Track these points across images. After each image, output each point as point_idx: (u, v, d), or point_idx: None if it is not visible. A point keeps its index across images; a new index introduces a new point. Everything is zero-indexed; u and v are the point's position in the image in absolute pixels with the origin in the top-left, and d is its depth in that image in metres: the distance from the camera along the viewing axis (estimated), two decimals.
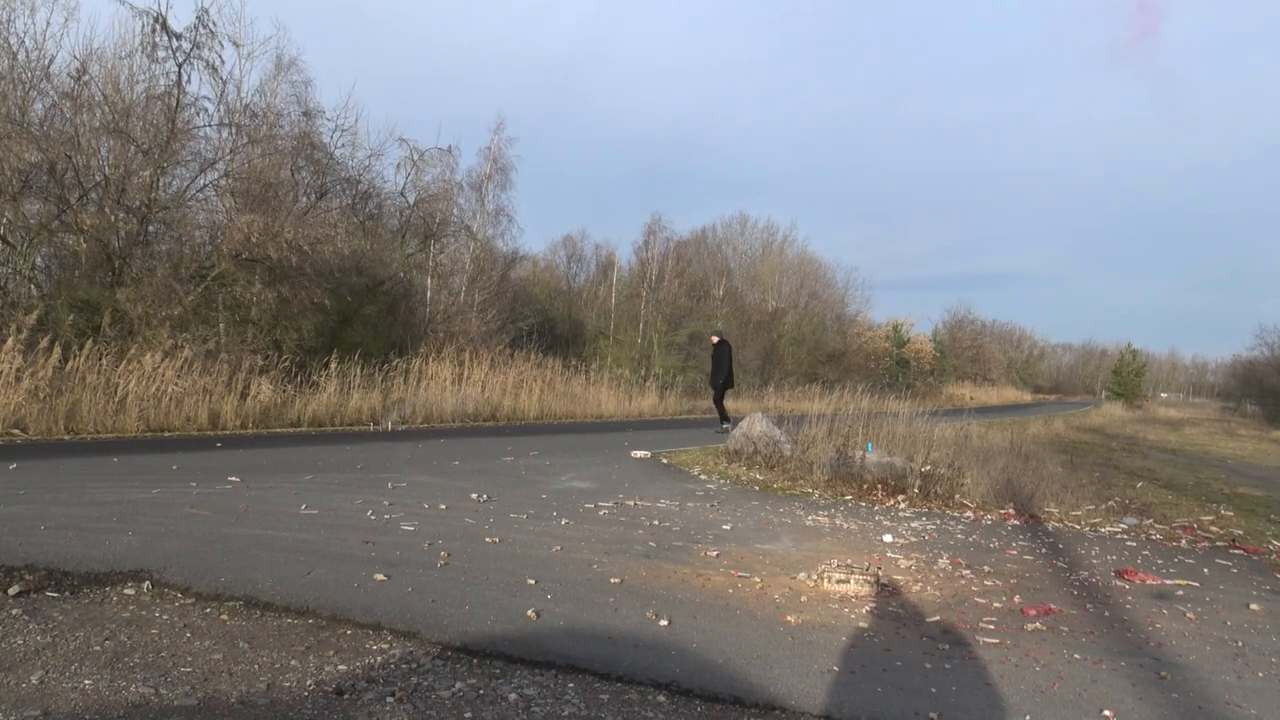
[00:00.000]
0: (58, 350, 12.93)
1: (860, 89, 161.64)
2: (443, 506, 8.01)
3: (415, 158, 23.72)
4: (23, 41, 16.20)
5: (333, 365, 17.31)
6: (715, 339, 17.90)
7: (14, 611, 4.36)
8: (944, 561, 6.94)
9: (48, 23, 16.70)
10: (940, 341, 57.72)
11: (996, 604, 5.73)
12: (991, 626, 5.19)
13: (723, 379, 17.49)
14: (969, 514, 9.46)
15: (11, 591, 4.65)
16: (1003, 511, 9.57)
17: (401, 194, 23.72)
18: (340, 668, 3.95)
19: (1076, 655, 4.74)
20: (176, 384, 14.14)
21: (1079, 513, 9.74)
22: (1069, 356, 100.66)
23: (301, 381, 16.77)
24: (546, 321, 31.03)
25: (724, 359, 17.48)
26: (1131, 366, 68.51)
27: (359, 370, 17.83)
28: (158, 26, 16.38)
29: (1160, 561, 7.47)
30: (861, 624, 5.13)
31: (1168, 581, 6.66)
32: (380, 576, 5.44)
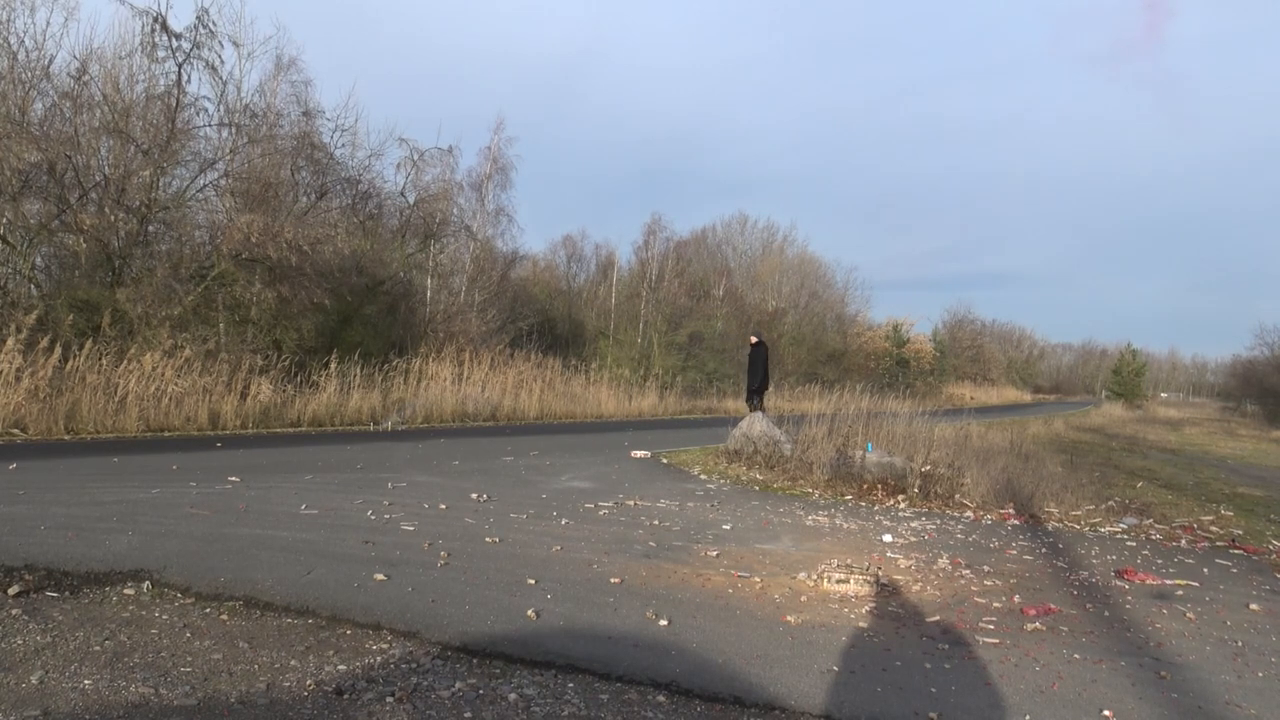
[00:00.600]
0: (58, 350, 12.93)
1: (860, 89, 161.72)
2: (443, 506, 8.02)
3: (415, 158, 23.75)
4: (23, 41, 16.22)
5: (333, 365, 17.31)
6: (754, 340, 17.47)
7: (14, 611, 4.36)
8: (944, 561, 6.94)
9: (48, 22, 16.74)
10: (940, 341, 57.70)
11: (996, 604, 5.73)
12: (991, 626, 5.19)
13: (758, 381, 17.14)
14: (969, 514, 9.46)
15: (11, 591, 4.65)
16: (1003, 511, 9.57)
17: (401, 194, 23.75)
18: (340, 668, 3.95)
19: (1076, 655, 4.74)
20: (176, 384, 14.14)
21: (1079, 513, 9.74)
22: (1069, 356, 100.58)
23: (301, 381, 16.77)
24: (546, 321, 31.01)
25: (759, 360, 17.14)
26: (1131, 366, 68.42)
27: (359, 370, 17.83)
28: (158, 26, 16.39)
29: (1160, 561, 7.47)
30: (861, 624, 5.13)
31: (1168, 581, 6.66)
32: (380, 576, 5.44)
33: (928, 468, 10.94)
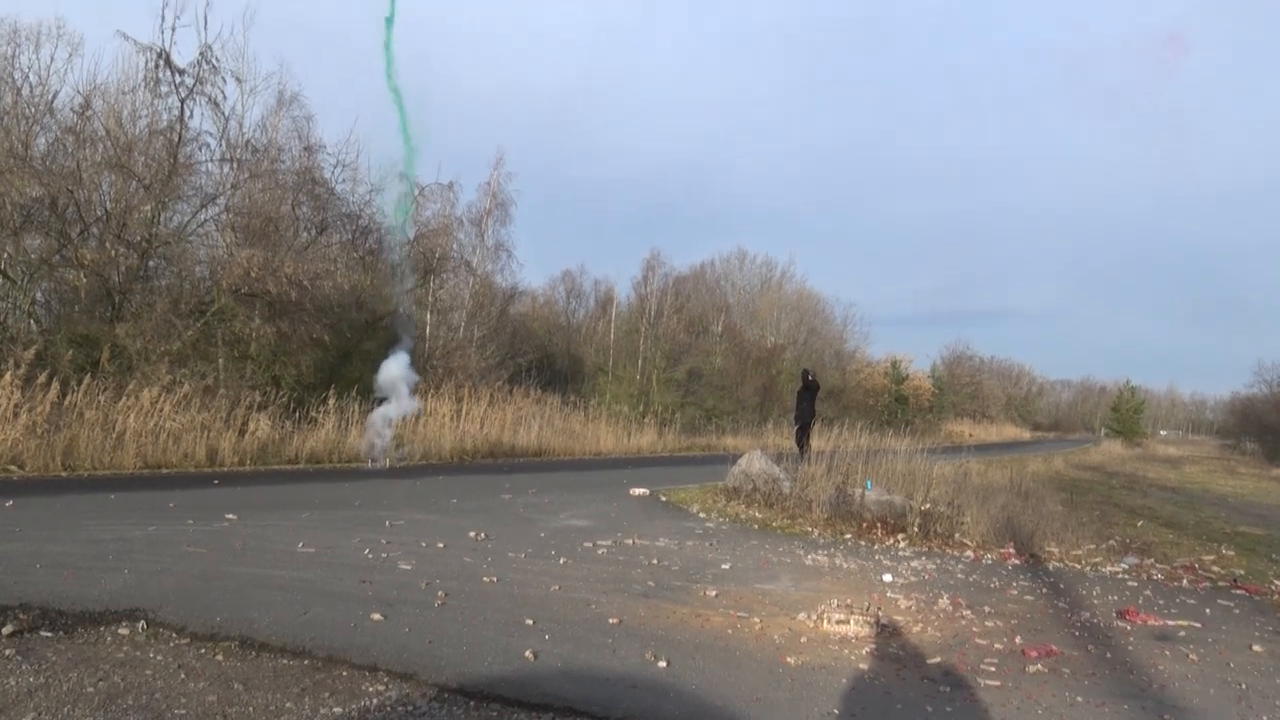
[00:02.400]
0: (56, 386, 12.93)
1: (859, 124, 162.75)
2: (440, 545, 7.97)
3: (415, 193, 23.88)
4: (26, 77, 16.48)
5: (331, 401, 17.27)
6: (809, 376, 17.25)
7: (7, 651, 4.33)
8: (944, 601, 6.90)
9: (52, 58, 17.01)
10: (939, 378, 57.76)
11: (998, 645, 5.68)
12: (993, 668, 5.15)
13: (805, 417, 16.92)
14: (969, 553, 9.41)
15: (5, 631, 4.62)
16: (1003, 551, 9.52)
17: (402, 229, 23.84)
18: (336, 710, 3.91)
19: (1079, 698, 4.70)
20: (175, 420, 14.12)
21: (1080, 552, 9.69)
22: (1068, 393, 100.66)
23: (300, 418, 16.73)
24: (545, 357, 31.01)
25: (808, 397, 16.97)
26: (1130, 403, 68.28)
27: (358, 406, 17.78)
28: (161, 62, 16.62)
29: (1162, 602, 7.42)
30: (862, 665, 5.09)
31: (1170, 622, 6.62)
32: (377, 616, 5.40)
33: (927, 506, 10.89)
